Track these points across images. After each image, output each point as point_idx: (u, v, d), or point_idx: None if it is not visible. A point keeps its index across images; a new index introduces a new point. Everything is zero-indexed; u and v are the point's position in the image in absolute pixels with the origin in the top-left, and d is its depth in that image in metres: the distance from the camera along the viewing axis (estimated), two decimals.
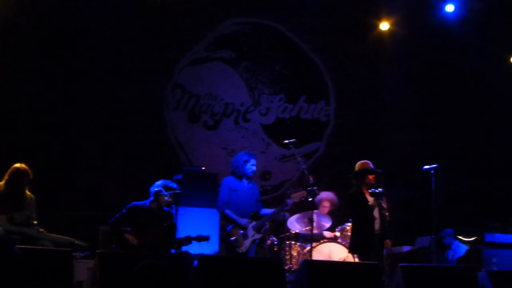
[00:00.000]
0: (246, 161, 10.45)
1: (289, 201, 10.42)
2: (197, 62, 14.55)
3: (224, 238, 10.50)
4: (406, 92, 15.39)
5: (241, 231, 10.19)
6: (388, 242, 10.13)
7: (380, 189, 9.99)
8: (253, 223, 10.27)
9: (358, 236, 10.12)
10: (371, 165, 10.32)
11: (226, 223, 10.46)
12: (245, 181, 10.48)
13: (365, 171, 10.25)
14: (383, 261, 10.01)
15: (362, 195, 10.14)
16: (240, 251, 10.10)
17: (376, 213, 10.04)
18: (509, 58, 15.45)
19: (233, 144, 14.31)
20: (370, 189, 10.14)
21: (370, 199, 10.08)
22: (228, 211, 10.23)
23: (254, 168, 10.52)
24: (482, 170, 15.07)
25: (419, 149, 14.90)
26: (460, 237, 13.69)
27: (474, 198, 14.70)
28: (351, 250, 10.35)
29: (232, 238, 10.15)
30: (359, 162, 10.41)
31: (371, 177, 10.21)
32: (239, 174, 10.45)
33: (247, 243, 10.17)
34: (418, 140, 15.27)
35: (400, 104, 15.42)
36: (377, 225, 10.03)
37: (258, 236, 10.28)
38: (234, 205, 10.32)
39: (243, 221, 10.22)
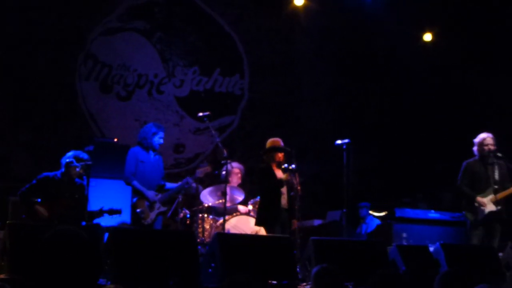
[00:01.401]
0: (155, 133, 10.28)
1: (190, 179, 10.38)
2: (110, 32, 14.28)
3: (130, 209, 10.37)
4: (320, 67, 15.53)
5: (147, 203, 10.08)
6: (295, 222, 10.23)
7: (293, 166, 10.05)
8: (159, 195, 10.18)
9: (264, 209, 10.22)
10: (281, 143, 10.40)
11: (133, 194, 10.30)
12: (151, 153, 10.34)
13: (274, 148, 10.35)
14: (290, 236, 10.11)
15: (271, 171, 10.23)
16: (146, 222, 9.99)
17: (284, 189, 10.14)
18: (422, 36, 15.70)
19: (146, 116, 14.14)
20: (280, 166, 10.23)
21: (281, 175, 10.16)
22: (135, 182, 10.07)
23: (161, 141, 10.37)
24: (392, 147, 15.32)
25: (331, 124, 15.07)
26: (371, 212, 13.93)
27: (384, 174, 14.95)
28: (258, 222, 10.41)
29: (138, 210, 10.03)
30: (270, 140, 10.48)
31: (280, 155, 10.33)
32: (146, 145, 10.28)
33: (152, 215, 10.06)
34: (331, 115, 15.43)
35: (313, 79, 15.55)
36: (284, 200, 10.15)
37: (163, 209, 10.19)
38: (141, 176, 10.16)
39: (151, 193, 10.10)
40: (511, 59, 14.79)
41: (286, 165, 10.11)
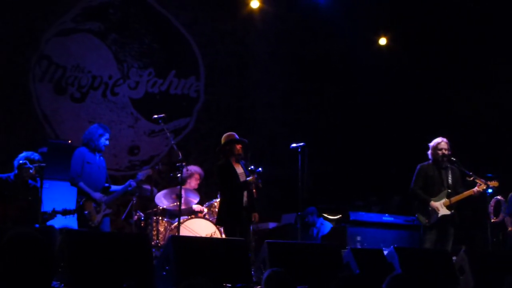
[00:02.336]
0: (101, 135, 10.19)
1: (132, 182, 10.33)
2: (64, 33, 14.14)
3: (77, 211, 10.25)
4: (275, 70, 15.57)
5: (94, 205, 10.00)
6: (256, 215, 10.24)
7: (260, 169, 10.06)
8: (105, 197, 10.11)
9: (226, 207, 10.16)
10: (236, 136, 10.38)
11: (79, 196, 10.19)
12: (97, 154, 10.27)
13: (232, 141, 10.32)
14: (249, 234, 10.10)
15: (231, 167, 10.19)
16: (92, 224, 9.90)
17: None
18: (377, 40, 15.84)
19: (100, 118, 14.01)
20: (239, 159, 10.22)
21: (241, 170, 10.15)
22: (82, 184, 9.96)
23: (107, 142, 10.29)
24: (347, 150, 15.40)
25: (286, 128, 15.11)
26: (325, 215, 13.99)
27: (339, 177, 15.02)
28: (218, 221, 10.39)
29: (86, 212, 9.94)
30: (224, 135, 10.47)
31: (238, 147, 10.30)
32: (94, 147, 10.20)
33: (99, 217, 9.97)
34: (286, 118, 15.48)
35: (269, 82, 15.58)
36: (245, 198, 10.11)
37: (109, 211, 10.11)
38: (87, 178, 10.05)
39: (97, 195, 10.01)
40: (464, 64, 15.00)
41: (253, 166, 10.10)
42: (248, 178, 10.07)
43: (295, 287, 5.92)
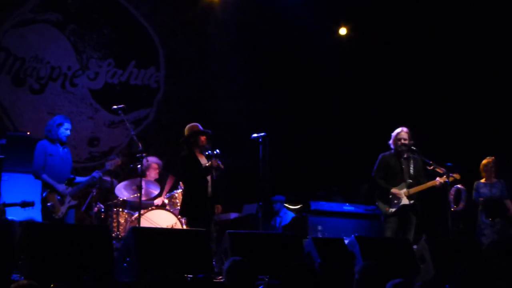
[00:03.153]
0: (60, 125, 10.12)
1: (99, 173, 10.28)
2: (22, 24, 13.97)
3: (41, 203, 10.17)
4: (236, 60, 15.52)
5: (58, 197, 9.92)
6: (219, 206, 10.23)
7: (217, 151, 10.02)
8: (69, 189, 10.04)
9: (189, 199, 10.12)
10: (200, 127, 10.34)
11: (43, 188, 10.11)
12: (59, 146, 10.18)
13: (196, 133, 10.27)
14: (211, 225, 10.08)
15: (195, 158, 10.15)
16: (56, 216, 9.84)
17: (209, 176, 10.08)
18: (338, 30, 15.89)
19: (59, 109, 13.87)
20: (204, 152, 10.17)
21: (205, 162, 10.10)
22: (45, 176, 9.90)
23: (68, 132, 10.22)
24: (308, 140, 15.43)
25: (247, 118, 15.09)
26: (286, 204, 14.02)
27: (300, 167, 15.05)
28: (181, 213, 10.35)
29: (49, 204, 9.87)
30: (188, 126, 10.42)
31: (203, 138, 10.26)
32: (52, 138, 10.12)
33: (63, 209, 9.91)
34: (247, 109, 15.46)
35: (230, 73, 15.54)
36: (209, 188, 10.07)
37: (74, 202, 10.05)
38: (50, 170, 9.99)
39: (61, 187, 9.95)
40: (425, 53, 15.11)
41: (209, 151, 10.07)
42: (207, 163, 10.03)
43: (256, 277, 5.93)
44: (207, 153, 10.10)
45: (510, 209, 11.86)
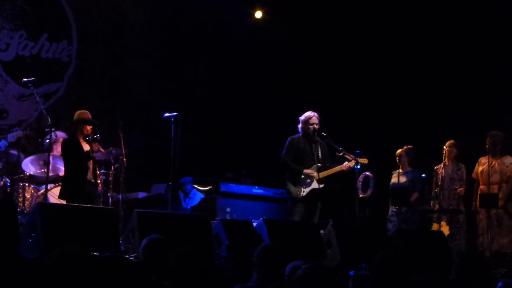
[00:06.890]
0: None
1: (2, 143, 10.12)
2: None
3: None
4: (151, 38, 15.39)
5: None
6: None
7: (97, 135, 9.98)
8: None
9: (69, 183, 10.08)
10: (90, 116, 10.27)
11: None
12: None
13: (82, 121, 10.21)
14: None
15: (77, 143, 10.09)
16: None
17: (90, 162, 10.05)
18: (253, 14, 15.90)
19: None
20: (86, 138, 10.11)
21: (87, 147, 10.03)
22: None
23: None
24: (221, 122, 15.42)
25: (161, 97, 14.99)
26: (196, 186, 14.01)
27: (212, 149, 15.03)
28: (61, 196, 10.21)
29: None
30: (78, 111, 10.37)
31: (88, 127, 10.18)
32: None
33: None
34: (160, 87, 15.34)
35: (144, 50, 15.38)
36: (89, 174, 10.06)
37: None
38: None
39: None
40: (340, 36, 15.28)
41: (90, 137, 10.01)
42: (87, 149, 9.99)
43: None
44: (87, 138, 10.02)
45: (413, 198, 12.08)
